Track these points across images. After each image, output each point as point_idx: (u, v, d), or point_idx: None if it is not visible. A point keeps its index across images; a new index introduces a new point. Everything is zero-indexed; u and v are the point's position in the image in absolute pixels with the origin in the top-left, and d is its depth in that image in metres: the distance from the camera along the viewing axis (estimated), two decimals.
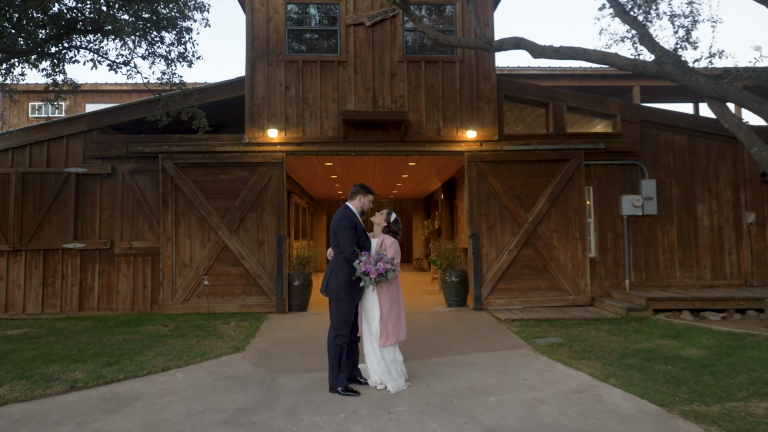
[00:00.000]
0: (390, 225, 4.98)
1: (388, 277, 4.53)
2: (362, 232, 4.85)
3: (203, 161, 9.30)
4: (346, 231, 4.73)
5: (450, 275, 9.66)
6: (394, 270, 4.59)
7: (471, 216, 9.52)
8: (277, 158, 9.36)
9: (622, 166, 9.95)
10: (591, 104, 10.00)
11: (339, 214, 4.88)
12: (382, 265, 4.47)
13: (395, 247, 4.83)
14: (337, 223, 4.81)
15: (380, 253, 4.60)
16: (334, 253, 4.89)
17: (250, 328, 7.84)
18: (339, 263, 4.78)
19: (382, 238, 4.89)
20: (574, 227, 9.57)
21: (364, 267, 4.46)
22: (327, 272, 4.89)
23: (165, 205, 9.20)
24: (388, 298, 4.76)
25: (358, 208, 4.95)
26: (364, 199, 4.98)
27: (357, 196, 4.98)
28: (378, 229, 5.01)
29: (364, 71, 9.59)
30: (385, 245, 4.82)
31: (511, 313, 8.71)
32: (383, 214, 5.01)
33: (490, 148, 9.63)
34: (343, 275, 4.72)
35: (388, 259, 4.55)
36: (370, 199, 5.04)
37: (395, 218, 5.01)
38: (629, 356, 5.90)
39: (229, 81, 9.58)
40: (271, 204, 9.35)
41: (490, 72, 9.75)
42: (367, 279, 4.51)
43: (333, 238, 4.88)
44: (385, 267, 4.48)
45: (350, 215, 4.85)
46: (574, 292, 9.44)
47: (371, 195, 5.05)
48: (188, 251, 9.21)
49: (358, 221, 4.87)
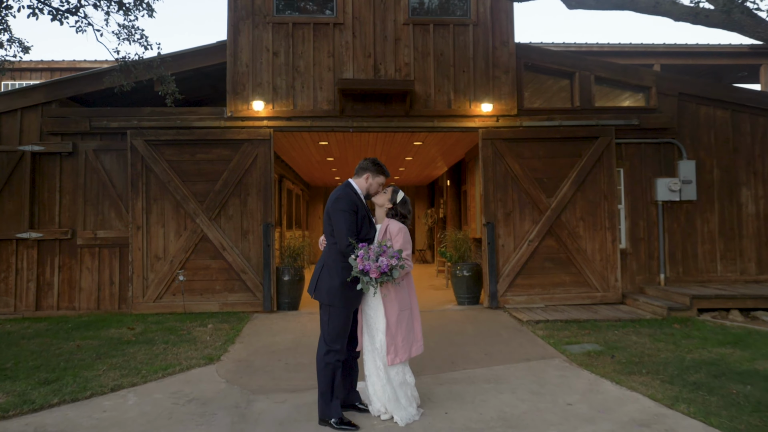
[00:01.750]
0: (396, 207, 3.89)
1: (393, 275, 3.44)
2: (365, 220, 3.77)
3: (178, 138, 8.18)
4: (343, 215, 3.64)
5: (461, 269, 8.58)
6: (403, 266, 3.50)
7: (486, 202, 8.43)
8: (263, 135, 8.24)
9: (656, 145, 8.85)
10: (622, 74, 8.87)
11: (337, 192, 3.79)
12: (385, 260, 3.38)
13: (403, 235, 3.74)
14: (333, 204, 3.72)
15: (383, 245, 3.50)
16: (327, 243, 3.80)
17: (231, 331, 6.77)
18: (333, 257, 3.70)
19: (386, 224, 3.81)
20: (603, 214, 8.49)
21: (362, 264, 3.37)
22: (317, 268, 3.80)
23: (134, 188, 8.09)
24: (396, 302, 3.68)
25: (364, 189, 3.86)
26: (372, 180, 3.88)
27: (365, 174, 3.88)
28: (381, 212, 3.92)
29: (363, 35, 8.45)
30: (391, 233, 3.74)
31: (533, 312, 7.65)
32: (387, 192, 3.93)
33: (508, 123, 8.52)
34: (337, 273, 3.64)
35: (393, 251, 3.46)
36: (381, 182, 3.93)
37: (403, 197, 3.92)
38: (690, 371, 4.84)
39: (208, 46, 8.44)
40: (256, 187, 8.24)
41: (508, 37, 8.61)
42: (366, 279, 3.42)
43: (327, 224, 3.79)
44: (390, 263, 3.39)
45: (351, 195, 3.76)
46: (602, 288, 8.38)
47: (383, 176, 3.93)
48: (161, 242, 8.12)
49: (362, 205, 3.78)
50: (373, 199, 3.94)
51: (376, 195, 3.93)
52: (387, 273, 3.38)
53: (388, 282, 3.49)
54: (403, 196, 3.92)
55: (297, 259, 8.60)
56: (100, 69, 8.37)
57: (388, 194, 3.91)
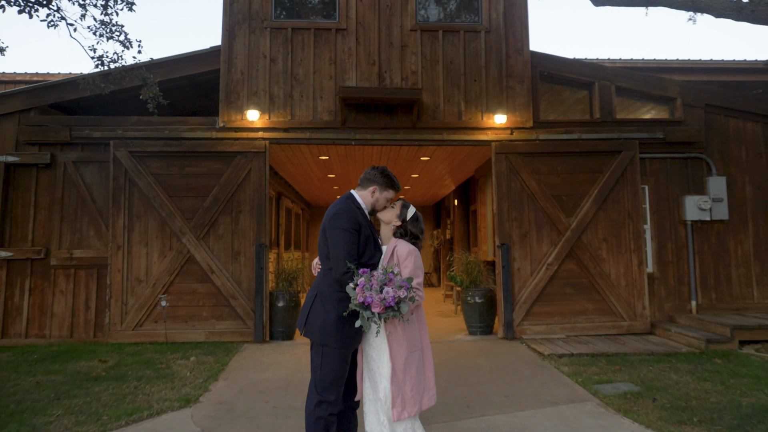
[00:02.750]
0: (406, 225, 3.20)
1: (401, 310, 2.72)
2: (370, 240, 3.07)
3: (166, 150, 7.55)
4: (342, 234, 2.95)
5: (473, 295, 7.84)
6: (413, 298, 2.79)
7: (500, 221, 7.73)
8: (258, 147, 7.60)
9: (683, 160, 8.18)
10: (645, 84, 8.25)
11: (336, 206, 3.10)
12: (391, 291, 2.67)
13: (414, 259, 3.04)
14: (331, 220, 3.03)
15: (389, 271, 2.78)
16: (322, 267, 3.10)
17: (215, 365, 6.03)
18: (328, 285, 3.01)
19: (393, 245, 3.12)
20: (628, 235, 7.77)
21: (363, 295, 2.66)
22: (308, 297, 3.10)
23: (116, 204, 7.43)
24: (404, 342, 2.97)
25: (369, 204, 3.18)
26: (380, 194, 3.20)
27: (371, 186, 3.20)
28: (387, 231, 3.23)
29: (368, 42, 7.87)
30: (399, 256, 3.05)
31: (554, 344, 6.89)
32: (395, 207, 3.24)
33: (523, 137, 7.87)
34: (332, 305, 2.94)
35: (401, 280, 2.76)
36: (389, 197, 3.24)
37: (414, 214, 3.23)
38: (753, 420, 4.08)
39: (201, 51, 7.86)
40: (250, 204, 7.57)
41: (523, 44, 8.02)
42: (367, 315, 2.70)
43: (322, 244, 3.09)
44: (397, 294, 2.68)
45: (353, 210, 3.06)
46: (628, 316, 7.61)
47: (392, 190, 3.24)
48: (144, 263, 7.42)
49: (366, 222, 3.09)
50: (379, 215, 3.25)
51: (382, 212, 3.25)
52: (393, 307, 2.67)
53: (395, 318, 2.78)
54: (414, 213, 3.24)
55: (293, 283, 7.88)
56: (87, 74, 7.77)
57: (397, 210, 3.22)
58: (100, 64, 5.62)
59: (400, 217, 3.19)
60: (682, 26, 71.65)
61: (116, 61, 5.64)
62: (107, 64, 5.62)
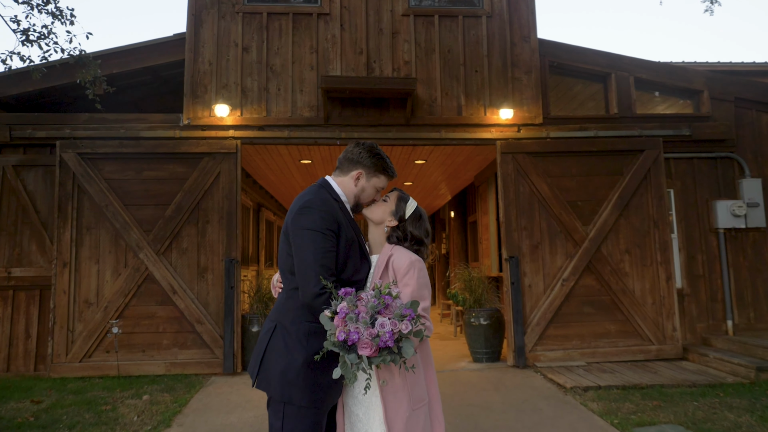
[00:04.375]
0: (405, 225, 2.30)
1: (405, 352, 1.79)
2: (354, 246, 2.17)
3: (121, 151, 6.63)
4: (312, 238, 2.04)
5: (477, 316, 6.93)
6: (420, 332, 1.87)
7: (508, 231, 6.86)
8: (228, 147, 6.71)
9: (712, 160, 7.38)
10: (668, 76, 7.48)
11: (304, 198, 2.18)
12: (387, 323, 1.75)
13: (417, 273, 2.15)
14: (297, 217, 2.11)
15: (384, 293, 1.86)
16: (284, 287, 2.18)
17: (171, 405, 5.05)
18: (292, 313, 2.11)
19: (387, 254, 2.23)
20: (653, 246, 6.93)
21: (344, 329, 1.75)
22: (264, 331, 2.17)
23: (63, 214, 6.48)
24: (405, 396, 2.06)
25: (351, 196, 2.29)
26: (366, 182, 2.30)
27: (354, 170, 2.29)
28: (377, 234, 2.34)
29: (354, 28, 7.04)
30: (396, 270, 2.16)
31: (574, 374, 5.99)
32: (388, 201, 2.35)
33: (532, 134, 7.04)
34: (298, 342, 2.04)
35: (402, 305, 1.84)
36: (379, 186, 2.34)
37: (415, 210, 2.33)
38: None
39: (163, 40, 7.00)
40: (218, 213, 6.65)
41: (530, 31, 7.23)
42: (351, 359, 1.77)
43: (284, 253, 2.18)
44: (397, 328, 1.76)
45: (328, 204, 2.15)
46: (657, 339, 6.73)
47: (384, 177, 2.34)
48: (94, 282, 6.45)
49: (348, 221, 2.20)
50: (366, 212, 2.36)
51: (370, 206, 2.36)
52: (392, 348, 1.75)
53: (390, 365, 1.85)
54: (415, 208, 2.34)
55: (270, 304, 6.93)
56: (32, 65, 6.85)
57: (391, 204, 2.33)
58: (25, 40, 4.72)
59: (397, 214, 2.30)
60: (696, 34, 71.54)
61: (45, 36, 4.74)
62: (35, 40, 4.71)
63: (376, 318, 1.75)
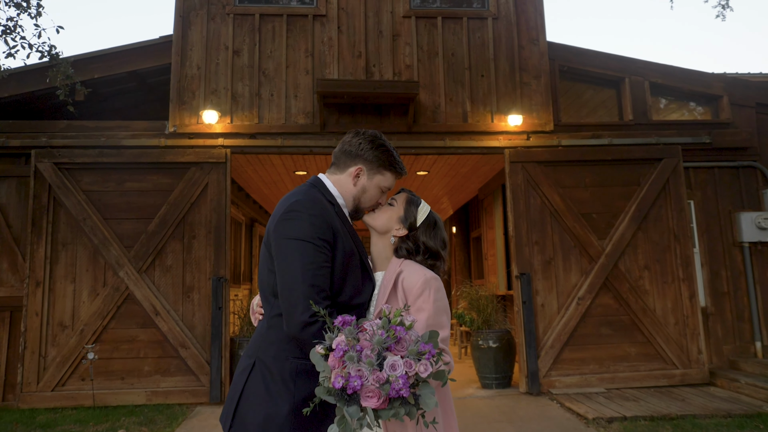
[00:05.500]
0: (416, 235, 1.88)
1: (424, 403, 1.35)
2: (354, 261, 1.76)
3: (101, 160, 6.23)
4: (300, 250, 1.63)
5: (486, 338, 6.48)
6: (442, 373, 1.43)
7: (518, 246, 6.44)
8: (217, 156, 6.31)
9: (733, 169, 7.01)
10: (684, 80, 7.13)
11: (290, 199, 1.75)
12: (400, 363, 1.31)
13: (434, 296, 1.74)
14: (281, 224, 1.69)
15: (395, 322, 1.41)
16: (265, 314, 1.74)
17: None
18: (275, 347, 1.68)
19: (395, 270, 1.81)
20: (674, 261, 6.51)
21: (343, 372, 1.31)
22: (240, 370, 1.73)
23: (37, 229, 6.05)
24: None
25: (350, 197, 1.88)
26: (368, 180, 1.87)
27: (353, 166, 1.87)
28: (382, 245, 1.93)
29: (352, 30, 6.70)
30: (407, 291, 1.75)
31: (594, 402, 5.52)
32: (396, 203, 1.94)
33: (543, 142, 6.67)
34: (282, 386, 1.63)
35: (419, 338, 1.40)
36: (384, 185, 1.90)
37: (429, 215, 1.92)
38: None
39: (148, 42, 6.65)
40: (206, 228, 6.22)
41: (538, 33, 6.90)
42: (352, 413, 1.32)
43: (265, 269, 1.75)
44: (413, 371, 1.32)
45: (319, 207, 1.74)
46: (681, 363, 6.28)
47: (390, 174, 1.90)
48: (70, 303, 6.00)
49: (345, 229, 1.78)
50: (367, 220, 1.94)
51: (373, 211, 1.94)
52: (406, 399, 1.32)
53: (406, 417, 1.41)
54: (429, 213, 1.93)
55: None
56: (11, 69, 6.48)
57: (399, 208, 1.92)
58: None
59: (406, 221, 1.88)
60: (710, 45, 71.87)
61: (11, 30, 4.36)
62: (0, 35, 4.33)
63: (385, 356, 1.33)
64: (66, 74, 4.77)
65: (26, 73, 6.29)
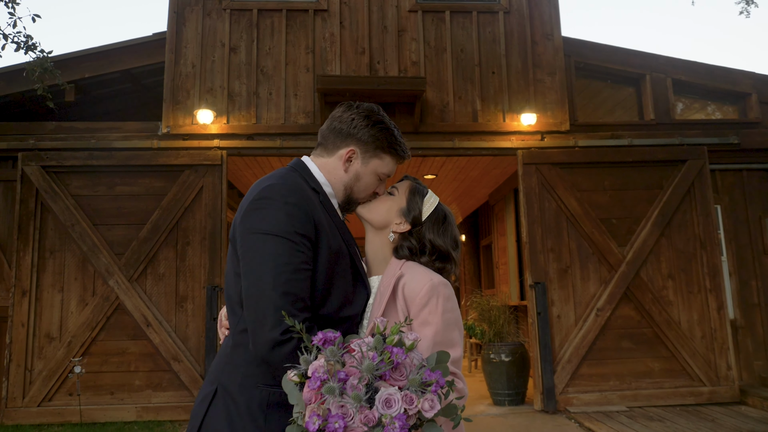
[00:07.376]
0: (421, 231, 1.62)
1: None
2: (342, 261, 1.48)
3: (91, 163, 6.04)
4: (270, 247, 1.34)
5: (498, 352, 6.19)
6: (454, 409, 1.17)
7: (532, 253, 6.16)
8: (212, 158, 6.10)
9: (763, 172, 6.71)
10: (709, 77, 6.85)
11: (261, 185, 1.47)
12: (396, 397, 1.06)
13: (443, 304, 1.48)
14: (249, 214, 1.41)
15: (391, 341, 1.15)
16: (231, 329, 1.49)
17: None
18: (241, 369, 1.41)
19: (396, 273, 1.55)
20: (701, 270, 6.20)
21: (321, 409, 1.05)
22: (201, 397, 1.48)
23: (23, 235, 5.86)
24: None
25: (341, 185, 1.59)
26: (363, 165, 1.59)
27: (344, 147, 1.59)
28: (380, 243, 1.65)
29: (355, 25, 6.49)
30: (409, 301, 1.49)
31: (616, 422, 5.22)
32: (397, 192, 1.67)
33: (558, 143, 6.40)
34: (249, 420, 1.35)
35: (421, 364, 1.15)
36: (382, 171, 1.61)
37: (437, 208, 1.66)
38: None
39: (141, 40, 6.47)
40: (201, 234, 6.01)
41: (552, 28, 6.66)
42: None
43: (230, 273, 1.49)
44: (416, 407, 1.06)
45: (298, 193, 1.44)
46: (709, 380, 5.96)
47: (389, 157, 1.62)
48: (57, 313, 5.80)
49: (331, 222, 1.50)
50: (362, 212, 1.67)
51: (369, 202, 1.68)
52: None
53: None
54: (437, 206, 1.67)
55: None
56: None
57: (400, 198, 1.66)
58: None
59: (409, 214, 1.63)
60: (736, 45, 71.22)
61: None
62: None
63: (377, 388, 1.07)
64: (43, 67, 4.56)
65: (14, 72, 6.12)
